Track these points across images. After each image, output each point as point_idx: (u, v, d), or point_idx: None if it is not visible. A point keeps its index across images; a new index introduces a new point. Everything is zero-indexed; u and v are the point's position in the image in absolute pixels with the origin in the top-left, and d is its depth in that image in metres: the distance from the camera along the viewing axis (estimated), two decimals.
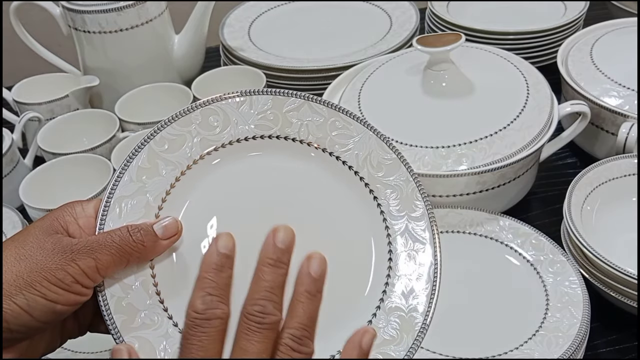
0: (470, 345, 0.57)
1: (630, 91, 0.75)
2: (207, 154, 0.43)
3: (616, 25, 0.87)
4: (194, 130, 0.43)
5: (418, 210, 0.43)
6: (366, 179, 0.44)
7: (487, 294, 0.62)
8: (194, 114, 0.43)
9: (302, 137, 0.44)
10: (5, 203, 0.74)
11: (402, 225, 0.43)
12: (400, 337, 0.39)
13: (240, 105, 0.44)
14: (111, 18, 0.85)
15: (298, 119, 0.44)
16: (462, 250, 0.65)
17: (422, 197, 0.43)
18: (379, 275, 0.42)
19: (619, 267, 0.58)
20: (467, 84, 0.72)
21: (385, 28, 0.98)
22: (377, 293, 0.41)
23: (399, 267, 0.42)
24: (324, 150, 0.44)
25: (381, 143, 0.45)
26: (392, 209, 0.43)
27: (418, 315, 0.40)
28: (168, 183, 0.42)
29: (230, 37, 0.97)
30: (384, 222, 0.43)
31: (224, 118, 0.44)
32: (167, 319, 0.39)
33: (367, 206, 0.44)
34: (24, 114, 0.83)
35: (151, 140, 0.42)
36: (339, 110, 0.45)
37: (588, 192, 0.67)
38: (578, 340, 0.54)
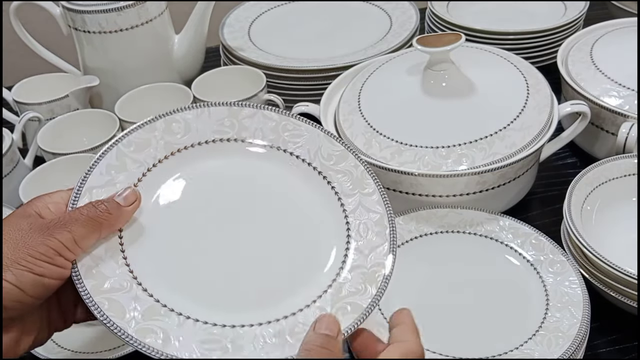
0: (470, 345, 0.57)
1: (630, 91, 0.75)
2: (171, 154, 0.48)
3: (616, 25, 0.87)
4: (158, 135, 0.48)
5: (369, 187, 0.48)
6: (319, 168, 0.49)
7: (487, 294, 0.62)
8: (158, 122, 0.49)
9: (257, 139, 0.50)
10: (5, 203, 0.74)
11: (356, 200, 0.48)
12: (364, 289, 0.44)
13: (199, 114, 0.49)
14: (111, 18, 0.85)
15: (252, 125, 0.50)
16: (462, 250, 0.65)
17: (371, 176, 0.49)
18: (339, 242, 0.46)
19: (619, 267, 0.58)
20: (467, 84, 0.72)
21: (385, 28, 0.98)
22: (339, 257, 0.46)
23: (358, 233, 0.46)
24: (277, 148, 0.50)
25: (329, 138, 0.50)
26: (345, 189, 0.48)
27: (379, 269, 0.44)
28: (135, 177, 0.47)
29: (230, 37, 0.97)
30: (339, 200, 0.48)
31: (185, 125, 0.49)
32: (137, 285, 0.43)
33: (322, 190, 0.49)
34: (24, 114, 0.83)
35: (119, 142, 0.47)
36: (289, 115, 0.51)
37: (588, 192, 0.67)
38: (578, 340, 0.55)
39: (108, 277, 0.42)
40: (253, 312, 0.43)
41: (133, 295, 0.42)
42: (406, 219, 0.67)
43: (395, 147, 0.68)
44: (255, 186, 0.49)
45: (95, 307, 0.41)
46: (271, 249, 0.46)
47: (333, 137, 0.50)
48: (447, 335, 0.58)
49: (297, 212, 0.48)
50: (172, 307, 0.42)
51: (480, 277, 0.63)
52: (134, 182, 0.46)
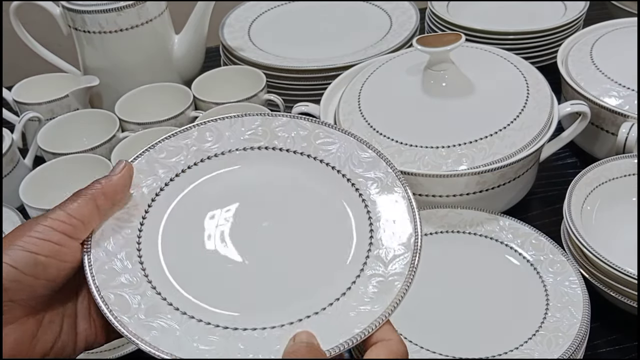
0: (470, 345, 0.57)
1: (630, 91, 0.75)
2: (201, 161, 0.49)
3: (616, 25, 0.87)
4: (190, 142, 0.49)
5: (397, 195, 0.47)
6: (348, 175, 0.48)
7: (487, 294, 0.62)
8: (191, 131, 0.49)
9: (289, 147, 0.49)
10: (5, 203, 0.74)
11: (382, 207, 0.46)
12: (378, 298, 0.42)
13: (232, 124, 0.50)
14: (111, 18, 0.85)
15: (285, 133, 0.50)
16: (462, 250, 0.65)
17: (402, 183, 0.47)
18: (360, 250, 0.45)
19: (619, 267, 0.58)
20: (467, 84, 0.72)
21: (385, 28, 0.98)
22: (357, 265, 0.44)
23: (380, 241, 0.45)
24: (308, 156, 0.49)
25: (361, 145, 0.49)
26: (373, 196, 0.47)
27: (398, 278, 0.43)
28: (163, 182, 0.47)
29: (230, 37, 0.97)
30: (365, 207, 0.47)
31: (218, 134, 0.49)
32: (147, 282, 0.43)
33: (349, 196, 0.47)
34: (24, 114, 0.83)
35: (152, 149, 0.48)
36: (322, 124, 0.50)
37: (588, 192, 0.67)
38: (578, 340, 0.55)
39: (119, 273, 0.43)
40: (260, 316, 0.42)
41: (141, 292, 0.42)
42: None
43: (395, 147, 0.68)
44: (280, 192, 0.48)
45: (101, 301, 0.41)
46: (288, 255, 0.46)
47: (365, 143, 0.49)
48: (447, 335, 0.58)
49: (320, 220, 0.47)
50: (177, 305, 0.42)
51: (480, 277, 0.63)
52: (161, 186, 0.47)
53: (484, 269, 0.64)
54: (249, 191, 0.48)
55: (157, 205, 0.46)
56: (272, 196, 0.48)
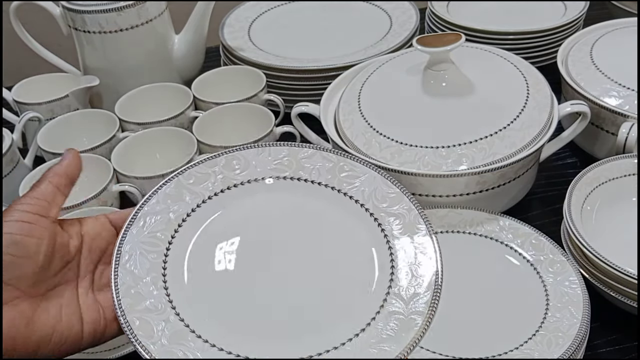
0: (470, 345, 0.57)
1: (630, 91, 0.75)
2: (228, 188, 0.50)
3: (616, 25, 0.87)
4: (217, 170, 0.51)
5: (420, 231, 0.47)
6: (371, 210, 0.49)
7: (487, 294, 0.62)
8: (219, 158, 0.51)
9: (314, 179, 0.50)
10: (5, 203, 0.74)
11: (405, 244, 0.46)
12: (398, 336, 0.41)
13: (260, 153, 0.51)
14: (111, 18, 0.85)
15: (310, 164, 0.51)
16: (462, 250, 0.65)
17: (424, 220, 0.47)
18: (381, 285, 0.45)
19: (619, 267, 0.58)
20: (467, 84, 0.72)
21: (385, 28, 0.98)
22: (378, 300, 0.44)
23: (400, 278, 0.45)
24: (332, 188, 0.50)
25: (385, 181, 0.50)
26: (395, 232, 0.47)
27: (418, 318, 0.42)
28: (190, 207, 0.49)
29: (230, 37, 0.97)
30: (387, 243, 0.47)
31: (245, 162, 0.51)
32: (171, 308, 0.43)
33: (372, 232, 0.48)
34: (24, 114, 0.83)
35: (180, 175, 0.50)
36: (347, 157, 0.51)
37: (588, 192, 0.67)
38: (578, 340, 0.54)
39: (145, 298, 0.44)
40: (280, 347, 0.42)
41: (165, 318, 0.43)
42: None
43: (395, 147, 0.68)
44: (304, 223, 0.49)
45: (127, 325, 0.42)
46: (310, 287, 0.46)
47: (389, 179, 0.50)
48: (447, 335, 0.58)
49: (342, 253, 0.47)
50: (199, 333, 0.42)
51: (480, 277, 0.63)
52: (188, 212, 0.48)
53: (484, 269, 0.64)
54: (273, 221, 0.49)
55: (183, 231, 0.48)
56: (296, 227, 0.49)
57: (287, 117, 0.83)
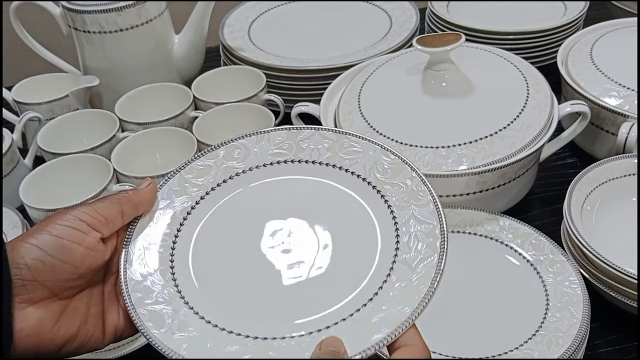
0: (470, 345, 0.57)
1: (630, 91, 0.75)
2: (230, 178, 0.51)
3: (616, 25, 0.87)
4: (219, 161, 0.51)
5: (423, 198, 0.47)
6: (373, 183, 0.49)
7: (487, 294, 0.62)
8: (219, 149, 0.51)
9: (314, 159, 0.50)
10: (5, 203, 0.74)
11: (409, 212, 0.46)
12: (404, 302, 0.42)
13: (259, 140, 0.52)
14: (111, 18, 0.85)
15: (310, 145, 0.51)
16: (462, 250, 0.65)
17: (426, 187, 0.47)
18: (386, 255, 0.45)
19: (619, 267, 0.58)
20: (467, 84, 0.72)
21: (385, 28, 0.98)
22: (384, 270, 0.44)
23: (407, 245, 0.45)
24: (333, 166, 0.50)
25: (385, 152, 0.50)
26: (399, 202, 0.47)
27: (423, 282, 0.43)
28: (194, 200, 0.49)
29: (230, 37, 0.97)
30: (391, 213, 0.47)
31: (245, 151, 0.51)
32: (180, 298, 0.44)
33: (375, 203, 0.48)
34: (24, 114, 0.83)
35: (182, 170, 0.50)
36: (346, 134, 0.51)
37: (588, 192, 0.67)
38: (578, 340, 0.54)
39: (153, 290, 0.44)
40: (289, 324, 0.42)
41: (174, 307, 0.43)
42: None
43: (395, 147, 0.68)
44: (306, 202, 0.49)
45: (137, 318, 0.42)
46: (316, 264, 0.46)
47: (389, 150, 0.50)
48: (447, 335, 0.58)
49: (347, 227, 0.48)
50: (209, 319, 0.43)
51: (480, 277, 0.63)
52: (192, 205, 0.49)
53: (484, 269, 0.64)
54: (276, 203, 0.49)
55: (189, 223, 0.48)
56: (299, 207, 0.49)
57: (287, 117, 0.83)
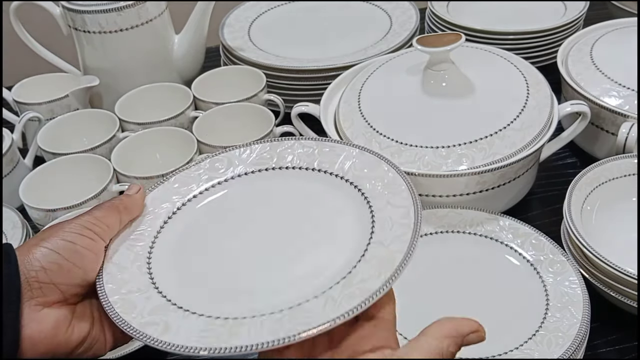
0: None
1: (630, 91, 0.75)
2: (212, 186, 0.52)
3: (616, 25, 0.87)
4: (202, 173, 0.53)
5: (399, 187, 0.48)
6: (351, 179, 0.50)
7: (487, 294, 0.62)
8: (203, 163, 0.53)
9: (294, 165, 0.52)
10: (5, 203, 0.74)
11: (384, 200, 0.48)
12: (378, 274, 0.42)
13: (242, 152, 0.54)
14: (111, 18, 0.85)
15: (291, 154, 0.53)
16: (462, 250, 0.65)
17: (402, 178, 0.49)
18: (362, 239, 0.46)
19: (619, 267, 0.58)
20: (467, 84, 0.72)
21: (385, 28, 0.98)
22: (359, 251, 0.45)
23: (381, 228, 0.46)
24: (313, 169, 0.52)
25: (363, 152, 0.51)
26: (375, 192, 0.49)
27: (398, 255, 0.43)
28: (176, 206, 0.51)
29: (230, 37, 0.97)
30: (367, 203, 0.48)
31: (228, 162, 0.53)
32: (154, 288, 0.45)
33: (352, 196, 0.49)
34: (24, 114, 0.83)
35: (166, 181, 0.52)
36: (327, 140, 0.53)
37: (588, 192, 0.67)
38: (578, 340, 0.55)
39: (128, 282, 0.45)
40: (262, 303, 0.43)
41: (147, 296, 0.44)
42: None
43: (395, 147, 0.68)
44: (285, 199, 0.51)
45: (108, 305, 0.43)
46: (290, 249, 0.47)
47: (367, 150, 0.52)
48: None
49: (324, 217, 0.49)
50: (181, 305, 0.43)
51: (480, 277, 0.63)
52: (173, 210, 0.51)
53: (484, 269, 0.64)
54: (256, 203, 0.51)
55: (170, 225, 0.50)
56: (278, 204, 0.50)
57: (287, 117, 0.83)
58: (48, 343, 0.41)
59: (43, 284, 0.42)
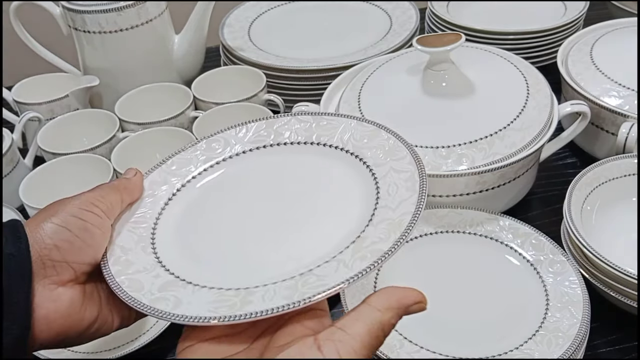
0: (470, 345, 0.57)
1: (630, 91, 0.75)
2: (210, 166, 0.52)
3: (616, 25, 0.87)
4: (199, 154, 0.53)
5: (400, 153, 0.48)
6: (351, 150, 0.50)
7: (487, 294, 0.62)
8: (199, 144, 0.53)
9: (292, 140, 0.52)
10: (5, 203, 0.74)
11: (387, 167, 0.48)
12: (388, 236, 0.42)
13: (238, 132, 0.54)
14: (111, 18, 0.85)
15: (288, 130, 0.53)
16: (462, 250, 0.65)
17: (403, 143, 0.49)
18: (368, 206, 0.46)
19: (619, 267, 0.58)
20: (467, 84, 0.72)
21: (385, 28, 0.98)
22: (365, 218, 0.45)
23: (387, 193, 0.46)
24: (312, 143, 0.51)
25: (361, 123, 0.51)
26: (377, 160, 0.49)
27: (406, 217, 0.43)
28: (175, 188, 0.51)
29: (230, 37, 0.97)
30: (370, 171, 0.48)
31: (225, 142, 0.53)
32: (160, 266, 0.45)
33: (354, 166, 0.49)
34: (24, 114, 0.83)
35: (163, 164, 0.52)
36: (323, 114, 0.53)
37: (588, 192, 0.67)
38: (578, 340, 0.55)
39: (133, 262, 0.45)
40: (272, 273, 0.43)
41: (154, 274, 0.44)
42: None
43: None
44: (286, 172, 0.51)
45: (116, 285, 0.43)
46: (296, 221, 0.47)
47: (364, 120, 0.51)
48: (447, 335, 0.58)
49: (328, 188, 0.49)
50: (190, 280, 0.43)
51: (480, 277, 0.63)
52: (173, 192, 0.50)
53: (484, 269, 0.64)
54: (257, 178, 0.51)
55: (171, 206, 0.49)
56: (279, 178, 0.50)
57: None
58: (63, 323, 0.41)
59: (56, 262, 0.41)
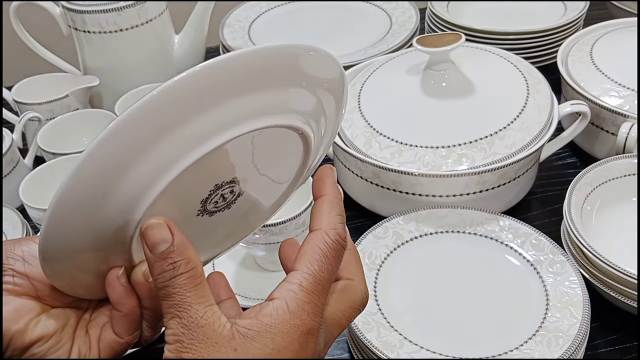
0: (470, 345, 0.57)
1: (630, 91, 0.75)
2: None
3: (616, 25, 0.87)
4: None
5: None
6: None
7: (487, 294, 0.62)
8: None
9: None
10: (5, 203, 0.74)
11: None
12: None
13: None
14: (111, 18, 0.85)
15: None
16: (462, 250, 0.65)
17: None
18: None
19: (619, 267, 0.58)
20: (467, 84, 0.72)
21: (385, 28, 0.98)
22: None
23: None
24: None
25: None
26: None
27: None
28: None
29: (230, 37, 0.97)
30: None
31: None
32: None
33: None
34: (24, 114, 0.83)
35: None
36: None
37: (588, 192, 0.67)
38: (578, 340, 0.55)
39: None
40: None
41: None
42: (406, 219, 0.67)
43: (395, 147, 0.68)
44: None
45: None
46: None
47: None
48: (446, 335, 0.58)
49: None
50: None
51: (480, 277, 0.63)
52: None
53: (484, 269, 0.64)
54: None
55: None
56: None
57: None
58: (5, 327, 0.39)
59: (17, 273, 0.41)
